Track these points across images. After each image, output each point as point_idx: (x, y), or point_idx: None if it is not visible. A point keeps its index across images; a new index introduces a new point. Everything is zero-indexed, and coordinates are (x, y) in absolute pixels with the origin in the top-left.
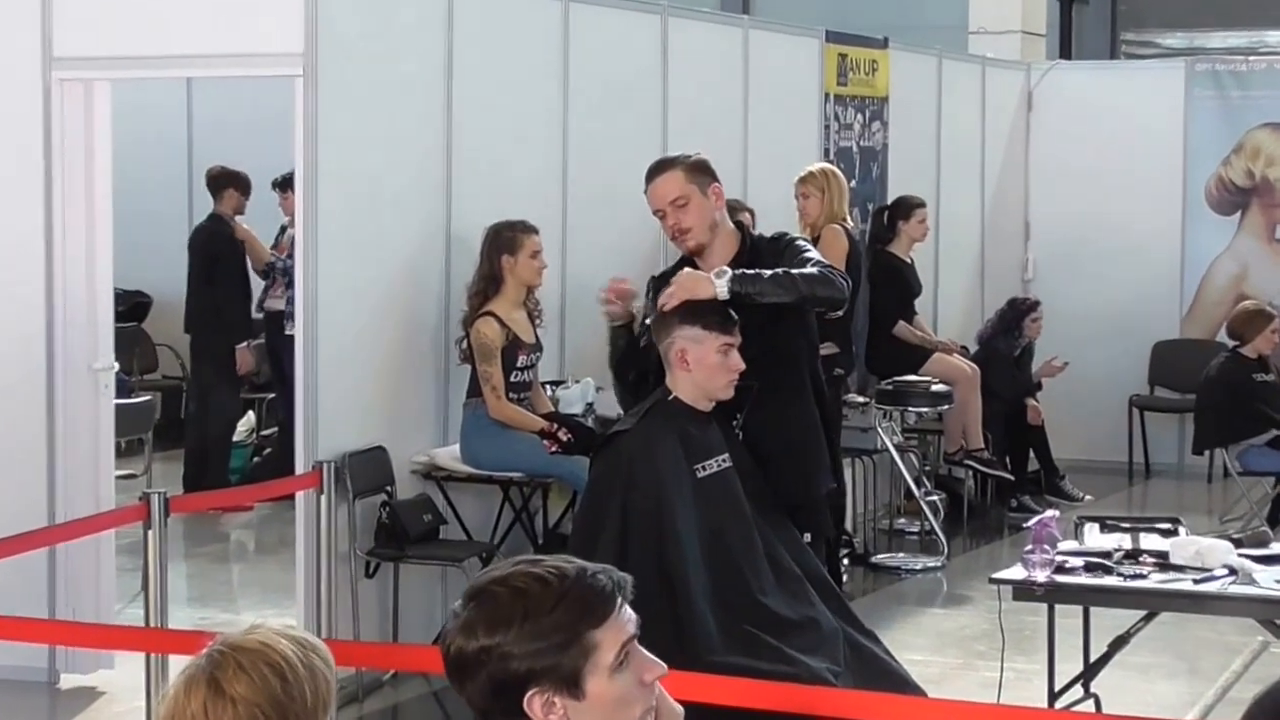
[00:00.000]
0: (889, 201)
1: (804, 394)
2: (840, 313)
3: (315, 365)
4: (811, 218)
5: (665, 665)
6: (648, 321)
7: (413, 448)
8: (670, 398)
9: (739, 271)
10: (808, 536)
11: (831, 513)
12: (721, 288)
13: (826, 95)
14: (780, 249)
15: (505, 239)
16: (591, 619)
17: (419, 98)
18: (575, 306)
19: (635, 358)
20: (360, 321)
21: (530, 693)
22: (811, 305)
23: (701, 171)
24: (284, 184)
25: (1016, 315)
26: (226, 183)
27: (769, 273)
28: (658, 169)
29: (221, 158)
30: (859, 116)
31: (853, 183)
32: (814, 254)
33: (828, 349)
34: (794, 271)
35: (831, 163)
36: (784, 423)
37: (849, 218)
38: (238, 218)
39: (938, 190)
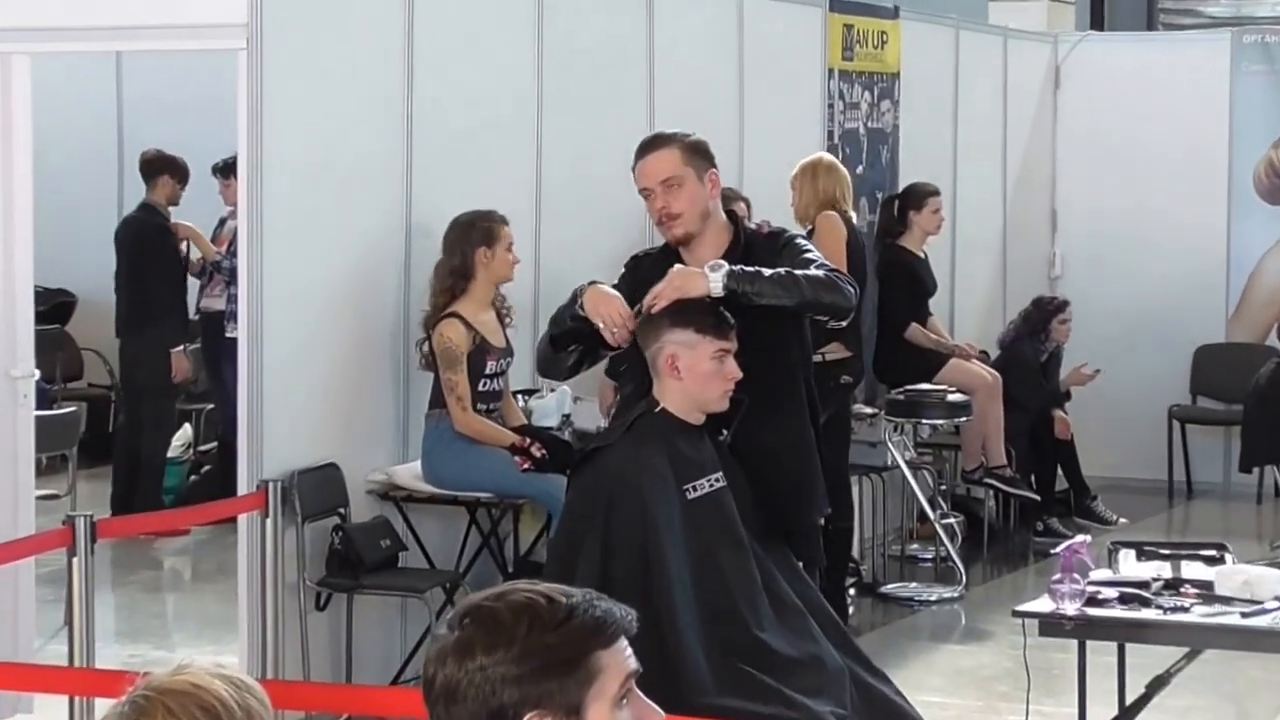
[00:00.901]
0: (899, 190)
1: (798, 409)
2: (844, 323)
3: (259, 372)
4: (800, 210)
5: (662, 712)
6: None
7: (369, 465)
8: (657, 409)
9: (736, 268)
10: (800, 565)
11: (837, 538)
12: (716, 283)
13: (830, 71)
14: (778, 247)
15: (483, 230)
16: (600, 639)
17: (376, 73)
18: (550, 305)
19: (582, 338)
20: (310, 323)
21: (527, 718)
22: (814, 312)
23: (700, 154)
24: (225, 170)
25: (1042, 316)
26: (161, 169)
27: (769, 271)
28: (652, 144)
29: (155, 141)
30: (866, 95)
31: (859, 168)
32: (817, 255)
33: (834, 353)
34: (797, 272)
35: (836, 146)
36: (776, 440)
37: (850, 208)
38: (171, 209)
39: (954, 177)
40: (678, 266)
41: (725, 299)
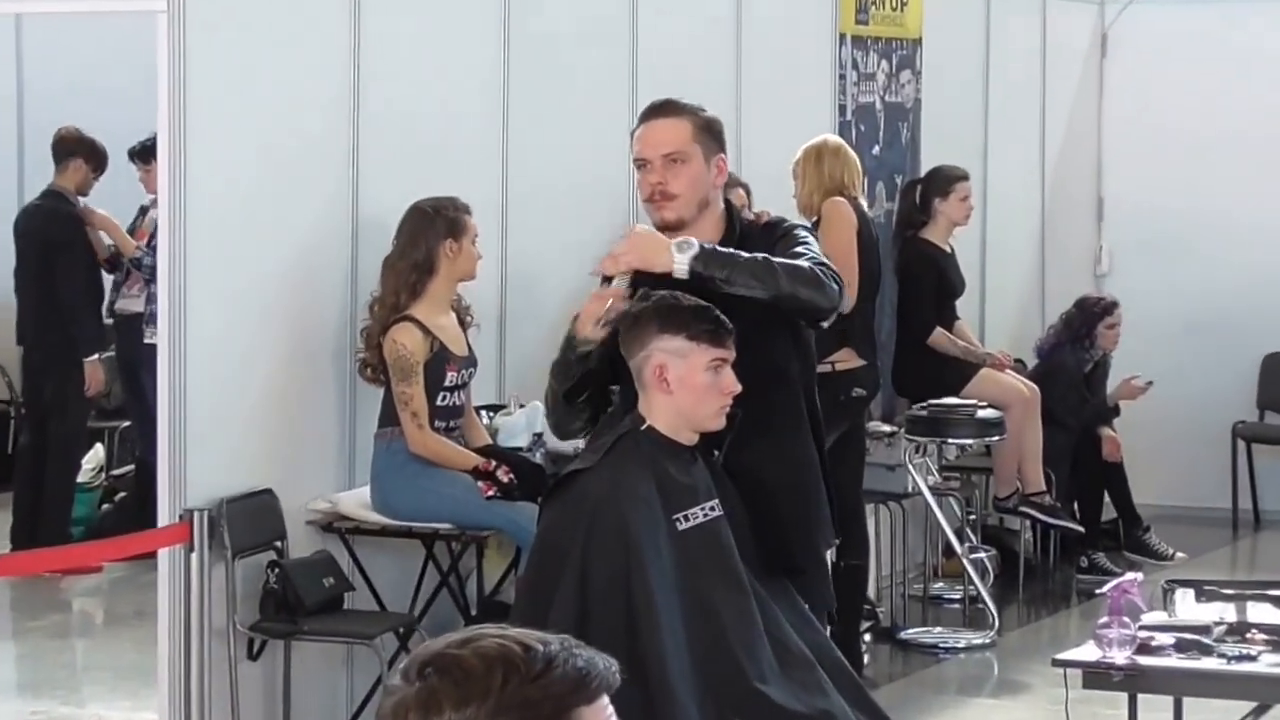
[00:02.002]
0: (921, 174)
1: (799, 427)
2: (825, 324)
3: (182, 384)
4: (803, 199)
5: None
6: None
7: (310, 491)
8: (644, 427)
9: (707, 246)
10: (804, 606)
11: (849, 576)
12: (680, 263)
13: (842, 37)
14: (774, 239)
15: (449, 219)
16: (583, 694)
17: (317, 41)
18: (518, 307)
19: (596, 380)
20: (241, 327)
21: None
22: (788, 308)
23: (713, 134)
24: (144, 154)
25: (1087, 320)
26: (75, 150)
27: (745, 256)
28: (661, 109)
29: (61, 120)
30: (884, 64)
31: (875, 149)
32: (814, 249)
33: (845, 361)
34: (777, 260)
35: (848, 123)
36: (771, 461)
37: (861, 194)
38: (81, 199)
39: (985, 160)
40: (640, 226)
41: (689, 282)
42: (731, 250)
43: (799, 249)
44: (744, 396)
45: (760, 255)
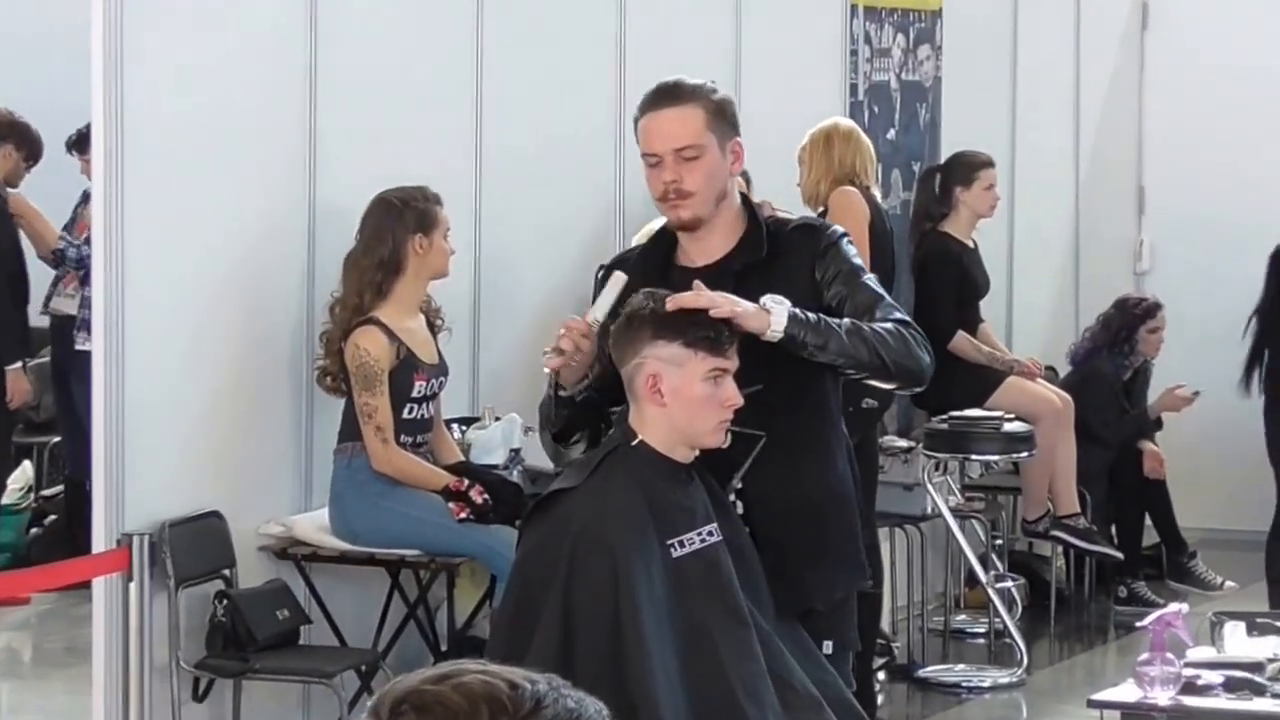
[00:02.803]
0: (942, 161)
1: (832, 450)
2: (907, 393)
3: (120, 394)
4: (809, 187)
5: None
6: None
7: (262, 514)
8: (635, 442)
9: (799, 311)
10: (828, 645)
11: (862, 607)
12: (777, 324)
13: (853, 8)
14: (817, 249)
15: (418, 212)
16: None
17: (269, 8)
18: (493, 308)
19: (587, 418)
20: (185, 331)
21: None
22: (882, 380)
23: (727, 118)
24: (81, 143)
25: (1127, 323)
26: (5, 135)
27: (837, 323)
28: (670, 96)
29: None
30: (900, 38)
31: (891, 132)
32: (873, 281)
33: None
34: (865, 328)
35: (860, 104)
36: (803, 492)
37: (874, 183)
38: (10, 189)
39: (1012, 144)
40: (619, 280)
41: (779, 344)
42: (821, 317)
43: (863, 280)
44: (769, 413)
45: (848, 322)
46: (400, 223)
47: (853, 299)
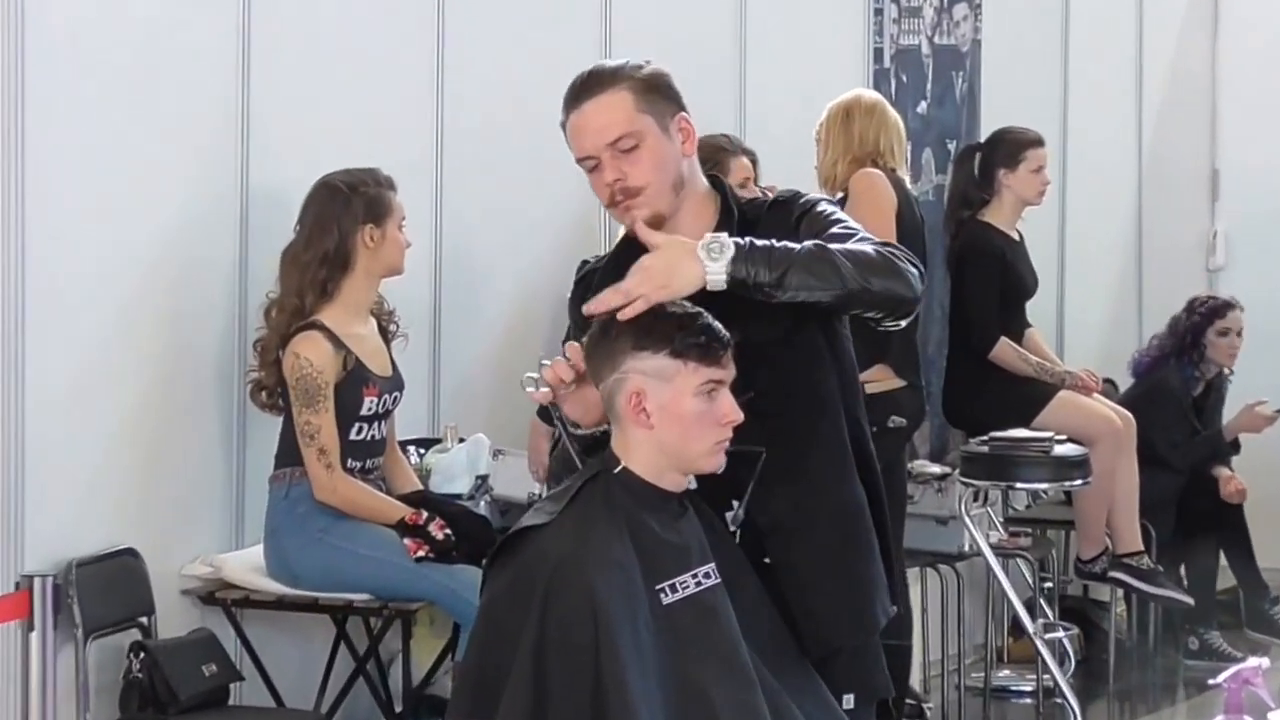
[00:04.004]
0: (983, 139)
1: (843, 468)
2: (903, 323)
3: (18, 414)
4: (825, 168)
5: None
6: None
7: (185, 552)
8: (617, 470)
9: (745, 241)
10: (849, 700)
11: (888, 659)
12: (716, 269)
13: None
14: (792, 218)
15: (368, 199)
16: None
17: None
18: (456, 310)
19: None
20: (95, 341)
21: None
22: (862, 307)
23: (659, 92)
24: None
25: (1197, 328)
26: None
27: (793, 247)
28: (587, 87)
29: None
30: None
31: (922, 105)
32: (853, 224)
33: (877, 381)
34: (833, 247)
35: (886, 72)
36: (812, 516)
37: (902, 165)
38: None
39: (1064, 120)
40: (665, 237)
41: (729, 293)
42: (776, 242)
43: (838, 229)
44: (768, 428)
45: (811, 243)
46: (347, 211)
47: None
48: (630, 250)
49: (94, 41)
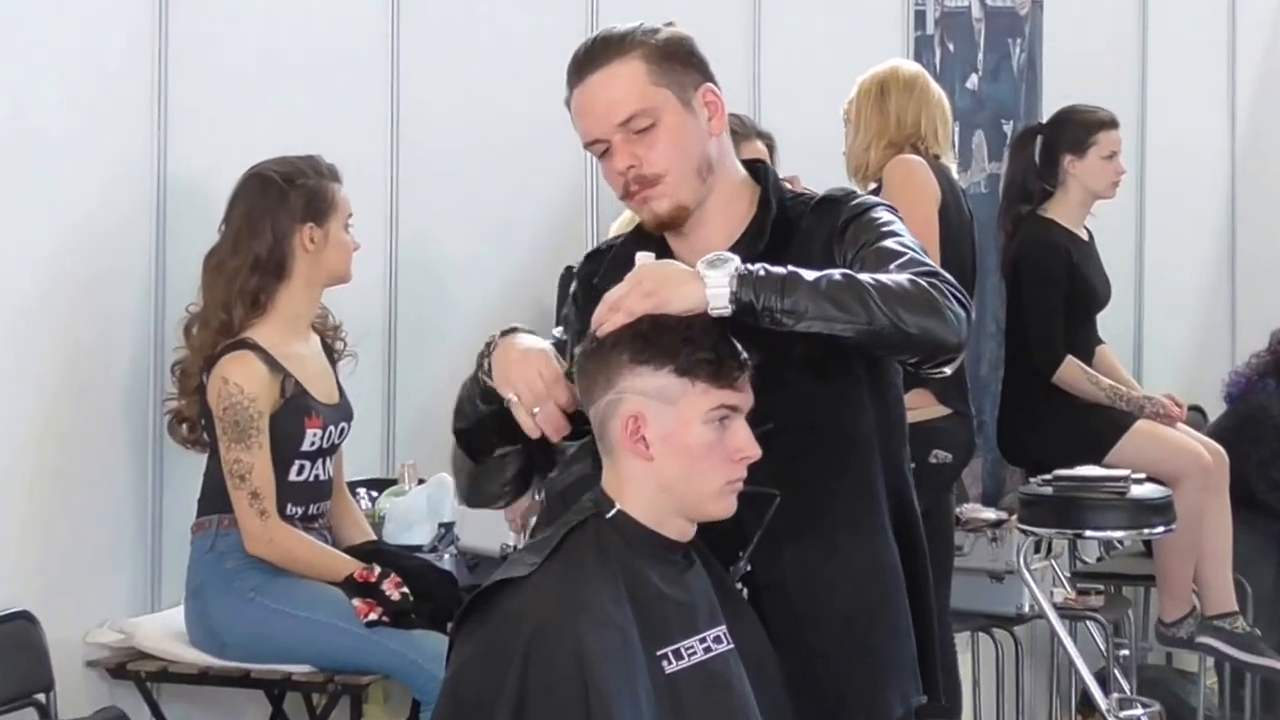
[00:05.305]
0: (1045, 119)
1: (872, 523)
2: (947, 370)
3: None
4: (855, 153)
5: None
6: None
7: (90, 616)
8: (610, 514)
9: (755, 267)
10: None
11: None
12: (718, 289)
13: None
14: (840, 223)
15: (309, 191)
16: None
17: None
18: (414, 329)
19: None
20: None
21: None
22: (891, 349)
23: (679, 60)
24: None
25: None
26: None
27: (811, 275)
28: (594, 55)
29: None
30: None
31: (971, 80)
32: (909, 240)
33: (919, 408)
34: (863, 276)
35: (929, 39)
36: (829, 579)
37: (946, 150)
38: None
39: (1142, 100)
40: (646, 260)
41: (733, 318)
42: (786, 269)
43: (889, 243)
44: (785, 469)
45: (838, 272)
46: (283, 207)
47: (866, 266)
48: (644, 240)
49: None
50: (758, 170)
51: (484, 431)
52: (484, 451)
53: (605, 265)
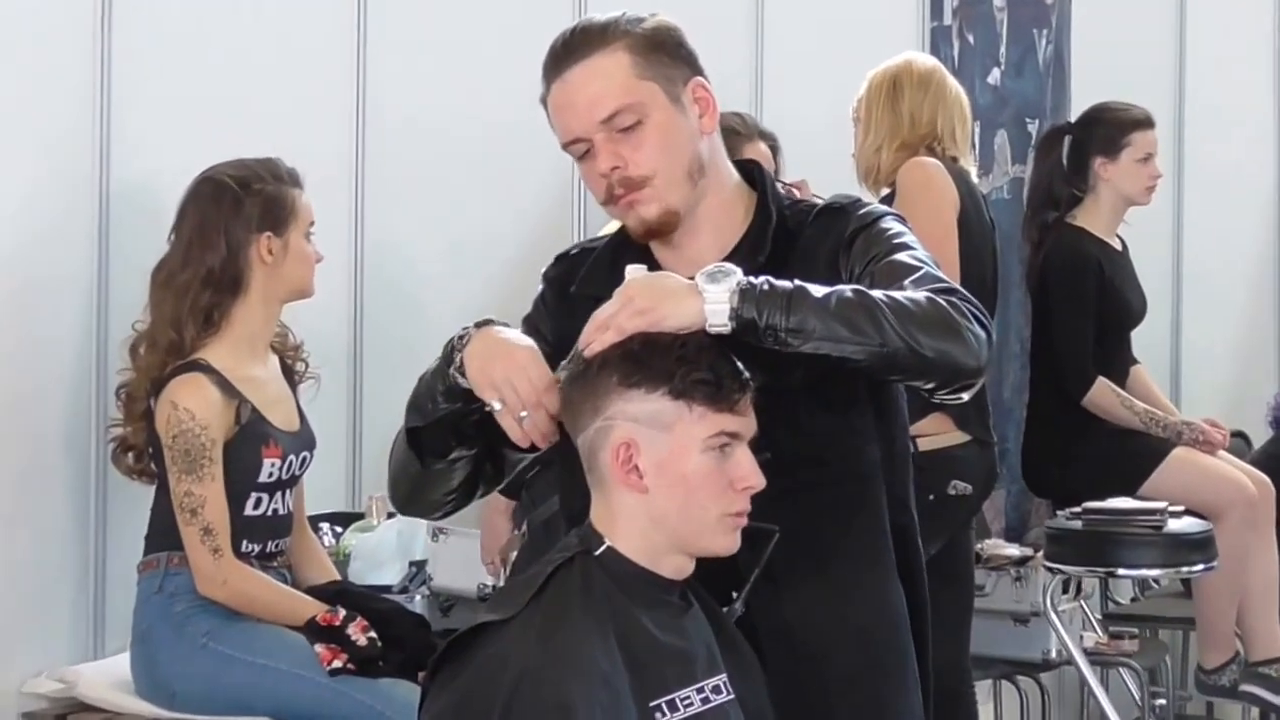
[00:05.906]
0: (1074, 118)
1: (878, 565)
2: (965, 396)
3: None
4: (865, 155)
5: None
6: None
7: (27, 663)
8: (599, 551)
9: (759, 280)
10: None
11: None
12: (717, 305)
13: None
14: (848, 233)
15: (267, 198)
16: None
17: None
18: (381, 350)
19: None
20: None
21: None
22: (906, 374)
23: (666, 52)
24: None
25: None
26: None
27: (820, 291)
28: (572, 49)
29: None
30: None
31: (993, 74)
32: (922, 254)
33: (935, 434)
34: (876, 294)
35: (947, 30)
36: (832, 625)
37: (964, 152)
38: None
39: (1179, 96)
40: (637, 272)
41: (733, 337)
42: (793, 283)
43: (898, 256)
44: (783, 503)
45: (849, 288)
46: (238, 215)
47: (877, 282)
48: (623, 257)
49: None
50: (751, 173)
51: (441, 432)
52: (436, 454)
53: (586, 269)
